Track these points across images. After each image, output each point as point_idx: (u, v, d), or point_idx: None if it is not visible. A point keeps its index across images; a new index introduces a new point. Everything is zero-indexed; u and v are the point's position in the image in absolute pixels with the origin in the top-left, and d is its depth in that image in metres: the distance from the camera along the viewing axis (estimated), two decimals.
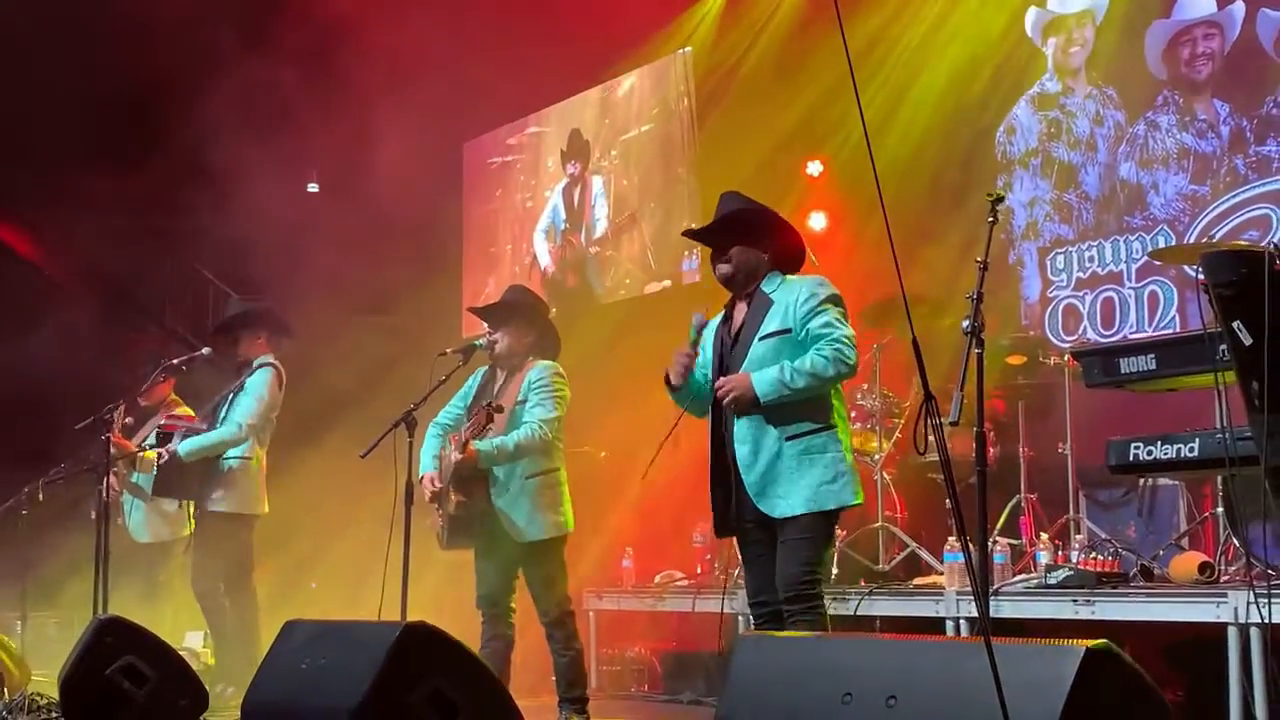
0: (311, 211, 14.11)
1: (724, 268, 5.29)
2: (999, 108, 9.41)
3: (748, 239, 5.28)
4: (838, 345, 5.01)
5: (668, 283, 11.49)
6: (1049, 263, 8.96)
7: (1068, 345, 8.21)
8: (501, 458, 6.36)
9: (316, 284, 12.65)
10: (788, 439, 5.03)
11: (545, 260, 12.77)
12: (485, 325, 6.73)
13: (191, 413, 8.32)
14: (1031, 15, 9.18)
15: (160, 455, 7.58)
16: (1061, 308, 8.79)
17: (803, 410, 5.05)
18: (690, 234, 5.76)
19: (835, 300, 5.17)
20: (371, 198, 12.71)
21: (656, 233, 11.65)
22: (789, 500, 5.02)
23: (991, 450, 7.36)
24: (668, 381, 5.26)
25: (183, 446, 7.55)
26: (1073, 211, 8.98)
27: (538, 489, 6.42)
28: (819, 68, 9.93)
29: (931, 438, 3.41)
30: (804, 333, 5.08)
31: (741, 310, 5.30)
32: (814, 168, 10.40)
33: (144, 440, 8.19)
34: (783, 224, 5.40)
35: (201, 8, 11.93)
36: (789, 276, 5.31)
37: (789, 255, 5.40)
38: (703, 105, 11.32)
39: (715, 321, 5.44)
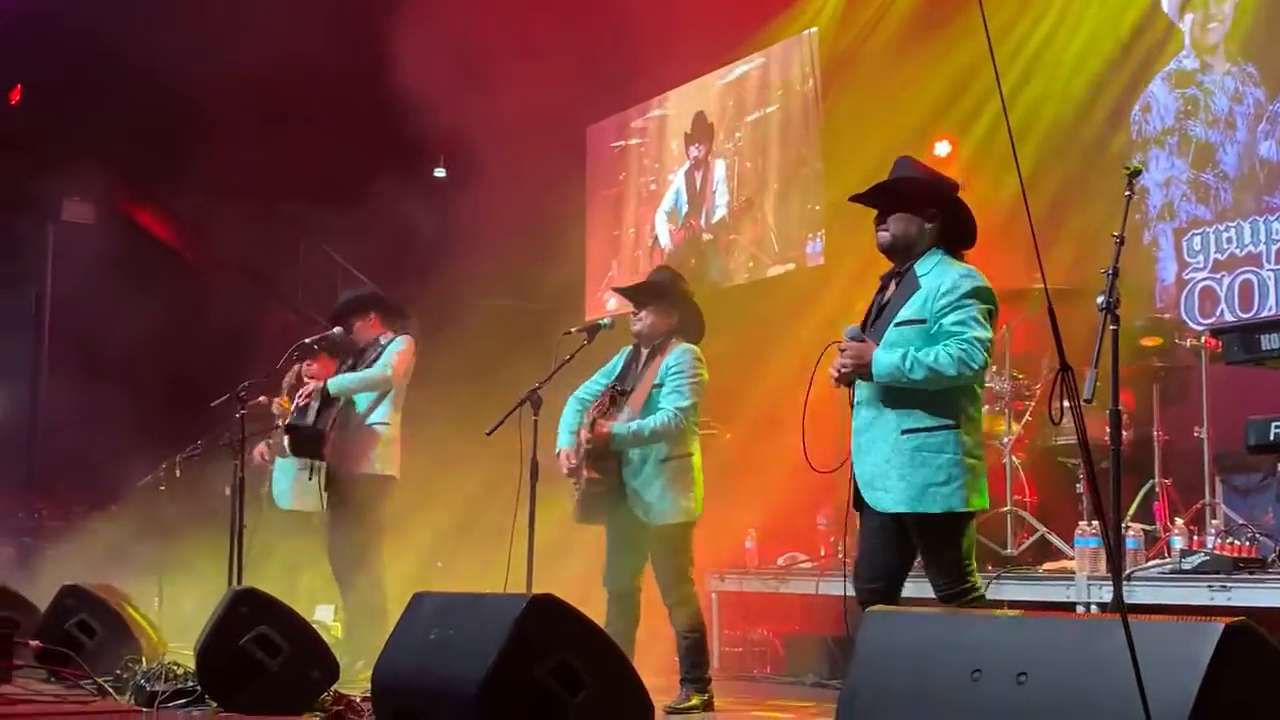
0: (438, 196, 14.31)
1: (883, 235, 5.09)
2: (1134, 85, 9.18)
3: (911, 208, 5.04)
4: (965, 345, 4.77)
5: (791, 265, 11.43)
6: (1185, 244, 8.73)
7: (1204, 328, 8.00)
8: (635, 442, 6.40)
9: (443, 267, 12.84)
10: (903, 432, 4.88)
11: (666, 242, 12.78)
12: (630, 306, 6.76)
13: None
14: None
15: (306, 403, 7.64)
16: (1198, 290, 8.56)
17: (924, 404, 4.86)
18: (855, 197, 5.30)
19: (978, 295, 4.92)
20: (497, 182, 12.82)
21: (780, 215, 11.60)
22: (892, 495, 4.88)
23: (1125, 433, 7.20)
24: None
25: (331, 383, 7.66)
26: (1210, 191, 8.74)
27: (671, 473, 6.45)
28: (947, 47, 9.77)
29: (1067, 411, 3.32)
30: (936, 327, 4.86)
31: (893, 286, 5.12)
32: (942, 148, 10.23)
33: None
34: (953, 198, 5.14)
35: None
36: (946, 259, 5.03)
37: (957, 232, 5.13)
38: (827, 86, 11.23)
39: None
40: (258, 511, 8.43)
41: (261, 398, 8.72)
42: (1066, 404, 3.28)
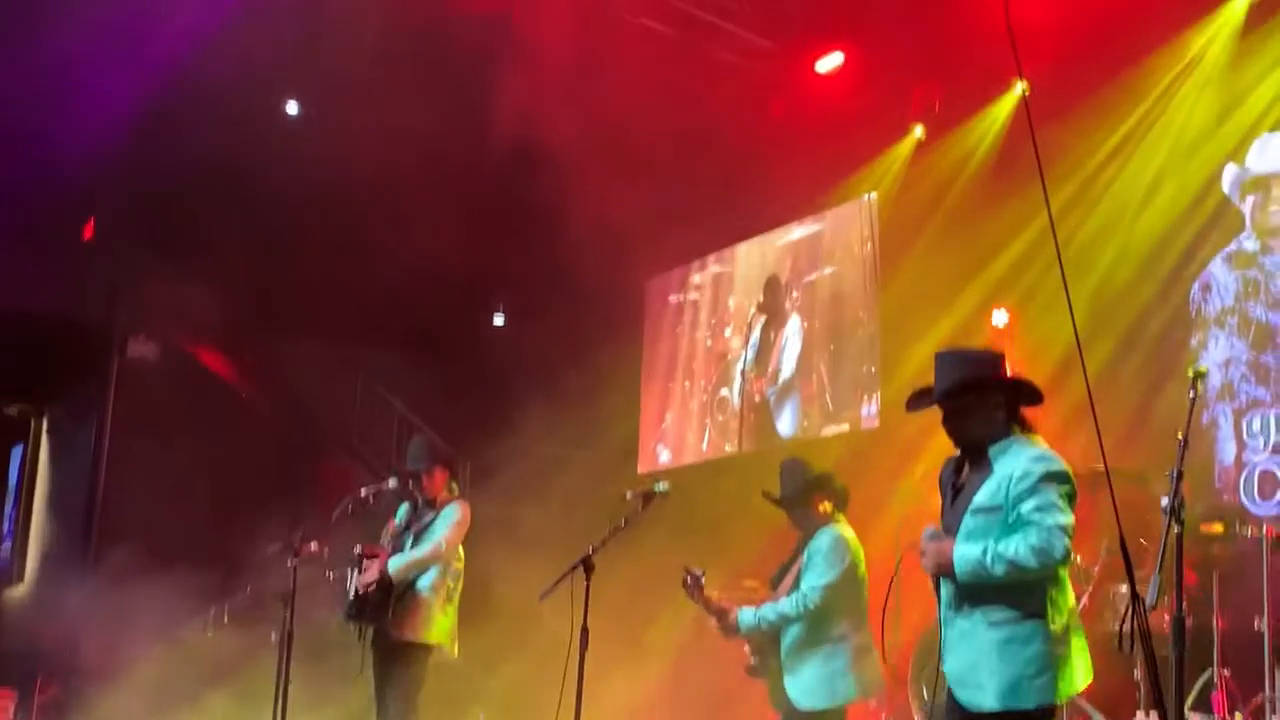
0: (495, 342, 14.47)
1: (956, 438, 4.96)
2: (1195, 264, 9.20)
3: (976, 406, 4.90)
4: (1045, 534, 4.61)
5: (845, 426, 11.42)
6: (1245, 425, 8.67)
7: (1263, 511, 7.90)
8: (761, 628, 6.40)
9: (500, 414, 12.91)
10: (990, 625, 4.72)
11: (735, 398, 12.81)
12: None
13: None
14: (1229, 173, 9.00)
15: (368, 583, 7.66)
16: (1258, 473, 8.47)
17: (1008, 597, 4.70)
18: (913, 405, 5.11)
19: (1055, 478, 4.74)
20: (554, 331, 12.97)
21: (835, 375, 11.63)
22: (985, 691, 4.72)
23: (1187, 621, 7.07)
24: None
25: (393, 570, 7.67)
26: (1270, 373, 8.69)
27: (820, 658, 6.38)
28: (1009, 217, 9.84)
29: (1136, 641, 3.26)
30: (1014, 514, 4.70)
31: (968, 469, 4.95)
32: (999, 317, 10.26)
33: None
34: (1006, 374, 5.01)
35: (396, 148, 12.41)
36: (1018, 440, 4.87)
37: (1021, 398, 4.97)
38: (885, 250, 11.32)
39: (949, 466, 5.09)
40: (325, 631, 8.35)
41: (313, 545, 8.72)
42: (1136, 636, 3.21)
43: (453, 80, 11.61)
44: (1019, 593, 4.69)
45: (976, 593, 4.74)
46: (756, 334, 12.71)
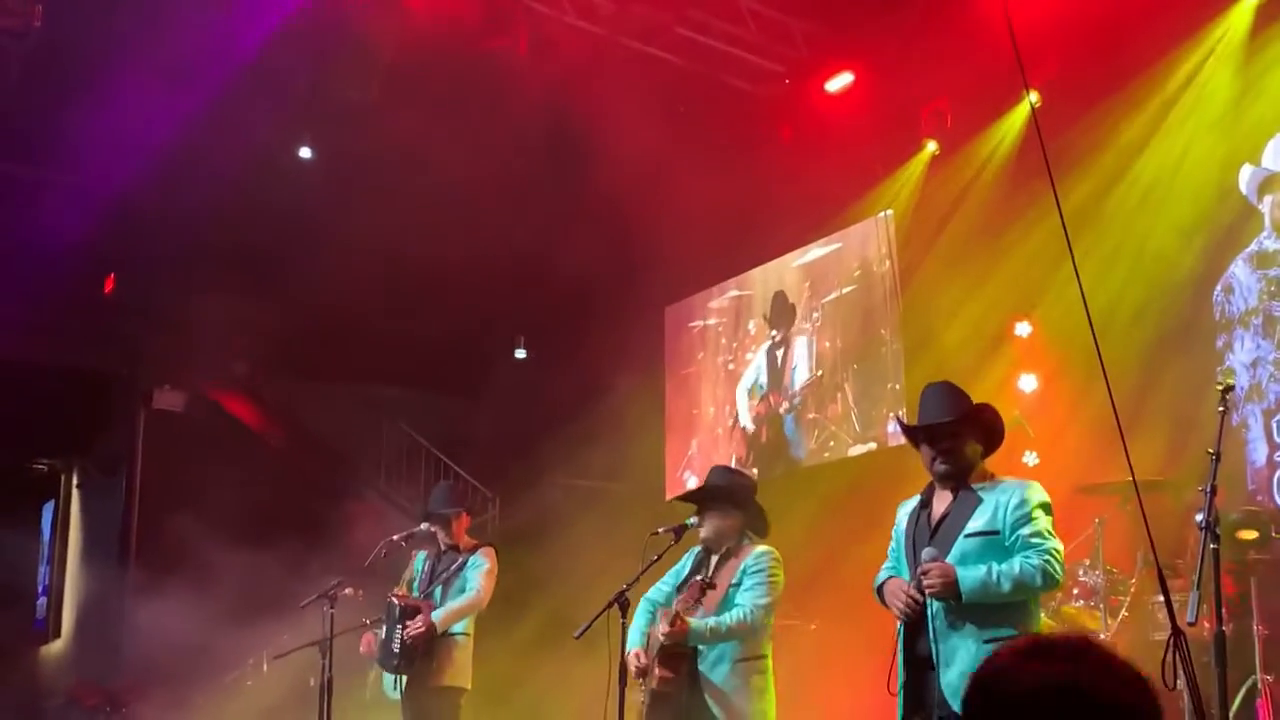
0: (518, 375, 14.49)
1: (942, 467, 5.22)
2: (1216, 266, 9.16)
3: (972, 435, 5.25)
4: (1047, 558, 4.96)
5: (873, 444, 11.40)
6: (1275, 425, 8.62)
7: None
8: (712, 637, 6.32)
9: (524, 448, 12.92)
10: (986, 642, 4.92)
11: (746, 420, 12.81)
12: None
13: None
14: (1246, 173, 8.96)
15: (414, 635, 7.67)
16: None
17: (1005, 615, 4.99)
18: (911, 432, 5.43)
19: (1047, 509, 5.12)
20: (576, 361, 12.99)
21: (860, 394, 11.60)
22: None
23: (1226, 628, 7.03)
24: (879, 594, 5.33)
25: (438, 622, 7.70)
26: None
27: (746, 674, 6.34)
28: (1027, 227, 9.80)
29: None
30: (1014, 538, 5.03)
31: (944, 500, 5.25)
32: (1023, 329, 10.25)
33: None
34: (992, 414, 5.36)
35: (411, 184, 12.46)
36: (998, 476, 5.26)
37: (994, 441, 5.36)
38: (905, 266, 11.31)
39: (909, 504, 5.43)
40: (363, 704, 8.36)
41: (348, 590, 8.73)
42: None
43: (466, 115, 11.65)
44: (1014, 612, 5.04)
45: (973, 610, 5.01)
46: (762, 355, 12.72)
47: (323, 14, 10.83)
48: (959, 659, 4.98)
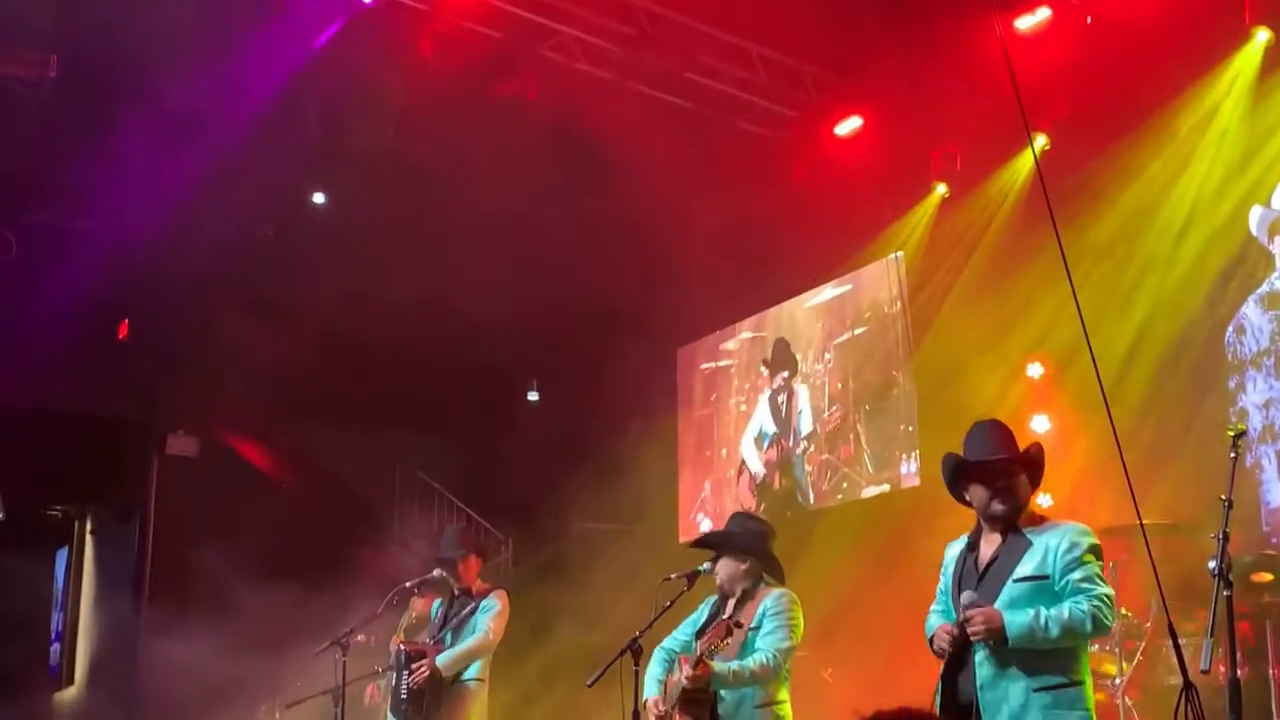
0: (532, 418, 14.49)
1: (1001, 508, 5.07)
2: (1227, 307, 9.15)
3: (1024, 473, 5.12)
4: (1097, 604, 4.81)
5: (886, 486, 11.37)
6: None
7: None
8: (735, 681, 6.28)
9: (536, 492, 12.92)
10: (1035, 690, 4.82)
11: (757, 468, 12.79)
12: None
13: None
14: (1256, 214, 8.98)
15: (419, 682, 7.64)
16: None
17: (1053, 662, 4.85)
18: (962, 472, 5.22)
19: (1097, 553, 4.97)
20: (589, 403, 13.00)
21: (873, 436, 11.58)
22: None
23: (1241, 671, 6.98)
24: (930, 645, 5.14)
25: (442, 666, 7.66)
26: None
27: (766, 719, 6.32)
28: (1038, 269, 9.80)
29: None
30: (1064, 583, 4.89)
31: (993, 543, 5.11)
32: (1034, 369, 10.24)
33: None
34: (1040, 452, 5.23)
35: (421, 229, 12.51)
36: (1047, 520, 5.12)
37: (1038, 481, 5.23)
38: (916, 308, 11.31)
39: (957, 545, 5.29)
40: None
41: (360, 636, 8.71)
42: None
43: (477, 161, 11.70)
44: (1061, 659, 4.88)
45: (1019, 654, 4.86)
46: (765, 403, 12.72)
47: (335, 62, 10.91)
48: (1003, 708, 4.86)
